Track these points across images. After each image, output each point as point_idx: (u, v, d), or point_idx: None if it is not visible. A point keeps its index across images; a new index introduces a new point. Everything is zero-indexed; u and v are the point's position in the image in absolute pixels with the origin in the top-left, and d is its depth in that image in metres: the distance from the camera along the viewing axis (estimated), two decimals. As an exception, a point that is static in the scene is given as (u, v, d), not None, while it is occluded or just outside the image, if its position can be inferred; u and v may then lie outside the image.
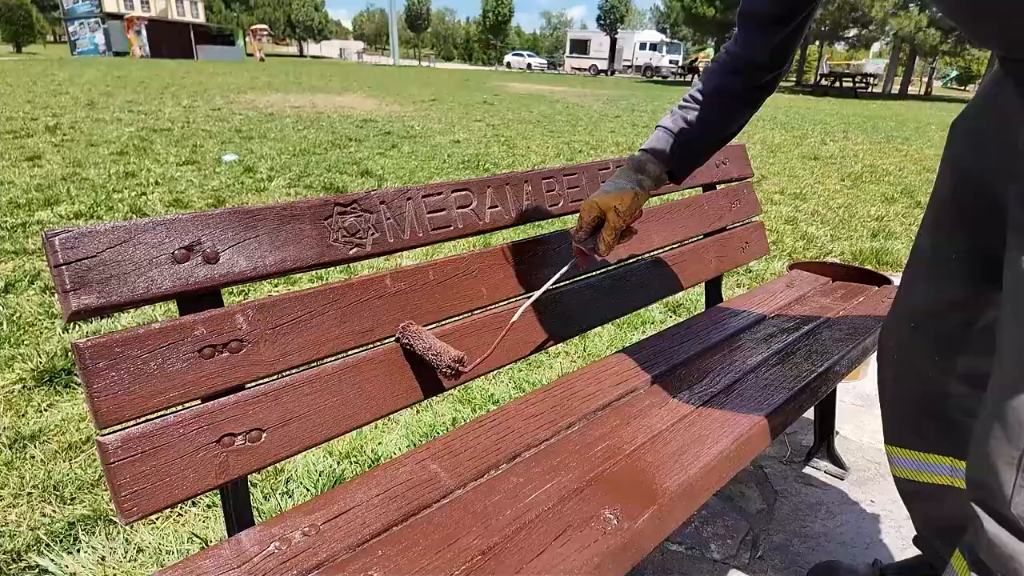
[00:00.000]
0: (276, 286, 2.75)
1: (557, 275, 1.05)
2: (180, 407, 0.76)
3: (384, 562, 0.69)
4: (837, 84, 27.84)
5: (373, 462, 1.65)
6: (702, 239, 1.60)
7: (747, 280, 3.20)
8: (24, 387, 1.94)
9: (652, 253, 1.45)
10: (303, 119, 8.78)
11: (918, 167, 7.05)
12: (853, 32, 32.19)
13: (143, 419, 0.73)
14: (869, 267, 1.83)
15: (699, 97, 1.01)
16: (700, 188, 1.65)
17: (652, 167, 1.02)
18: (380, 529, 0.75)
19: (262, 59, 36.03)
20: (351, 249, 0.93)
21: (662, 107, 13.78)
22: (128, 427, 0.72)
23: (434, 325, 1.01)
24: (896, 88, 33.29)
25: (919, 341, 0.93)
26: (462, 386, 2.05)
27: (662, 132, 1.03)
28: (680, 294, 2.83)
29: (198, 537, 1.36)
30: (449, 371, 0.86)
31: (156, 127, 7.36)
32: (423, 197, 1.03)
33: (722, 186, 1.70)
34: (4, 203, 3.88)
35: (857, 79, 27.49)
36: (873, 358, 2.19)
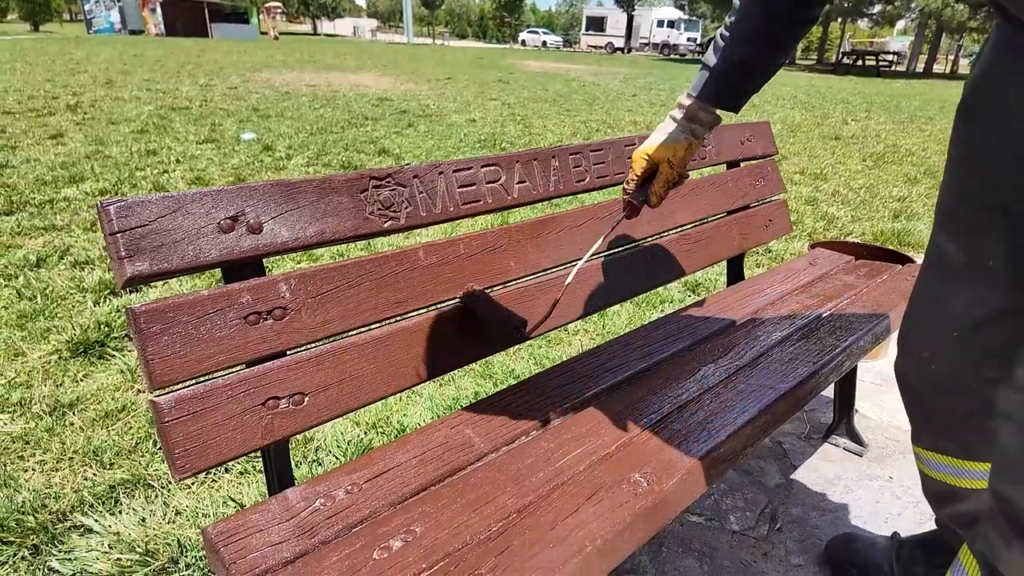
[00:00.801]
0: (299, 263, 2.79)
1: (610, 230, 1.06)
2: (228, 371, 0.79)
3: (424, 518, 0.72)
4: (859, 62, 27.21)
5: (399, 432, 1.69)
6: (725, 217, 1.60)
7: (767, 260, 3.19)
8: (60, 358, 2.00)
9: (675, 230, 1.46)
10: (319, 97, 8.78)
11: (942, 147, 6.92)
12: (877, 8, 31.34)
13: (193, 382, 0.76)
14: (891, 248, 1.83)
15: (740, 29, 0.91)
16: (724, 165, 1.65)
17: (704, 115, 0.95)
18: (419, 488, 0.78)
19: (276, 37, 35.90)
20: (386, 222, 0.96)
21: (680, 85, 13.59)
22: (180, 389, 0.75)
23: (465, 297, 1.04)
24: (921, 67, 32.48)
25: (963, 352, 0.85)
26: (483, 361, 2.08)
27: (708, 74, 0.94)
28: (700, 274, 2.84)
29: (234, 500, 1.41)
30: (516, 333, 0.95)
31: (174, 105, 7.41)
32: (454, 172, 1.05)
33: (746, 164, 1.70)
34: (31, 180, 3.95)
35: (880, 57, 26.84)
36: (894, 337, 2.18)
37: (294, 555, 0.68)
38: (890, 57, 27.88)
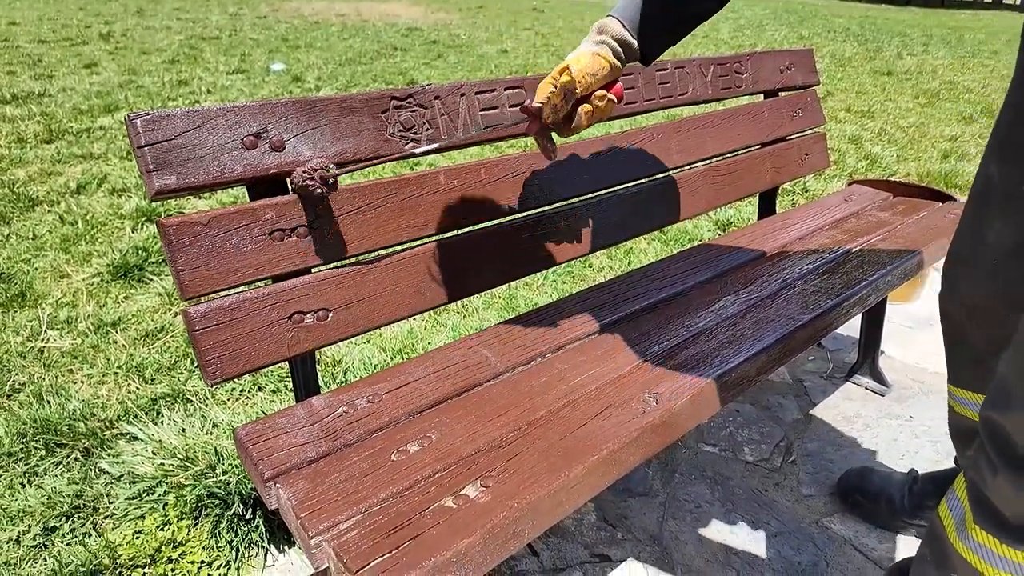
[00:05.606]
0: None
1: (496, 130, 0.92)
2: (255, 285, 0.82)
3: (441, 427, 0.76)
4: (922, -9, 25.19)
5: (423, 359, 1.74)
6: (759, 148, 1.55)
7: (803, 201, 3.09)
8: (102, 280, 2.09)
9: (705, 161, 1.42)
10: (348, 27, 8.59)
11: (1004, 84, 6.47)
12: (948, -70, 28.66)
13: (222, 294, 0.79)
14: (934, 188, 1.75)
15: None
16: (762, 95, 1.58)
17: (615, 25, 0.85)
18: (436, 401, 0.81)
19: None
20: (406, 144, 0.95)
21: (726, 16, 12.85)
22: (210, 300, 0.79)
23: (487, 224, 1.04)
24: (990, -4, 29.95)
25: (997, 280, 0.83)
26: (506, 294, 2.11)
27: None
28: (731, 211, 2.78)
29: (266, 415, 1.49)
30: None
31: (204, 35, 7.35)
32: (476, 93, 1.03)
33: (785, 94, 1.62)
34: (68, 109, 4.01)
35: (946, -15, 24.76)
36: (927, 280, 2.12)
37: (318, 455, 0.72)
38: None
